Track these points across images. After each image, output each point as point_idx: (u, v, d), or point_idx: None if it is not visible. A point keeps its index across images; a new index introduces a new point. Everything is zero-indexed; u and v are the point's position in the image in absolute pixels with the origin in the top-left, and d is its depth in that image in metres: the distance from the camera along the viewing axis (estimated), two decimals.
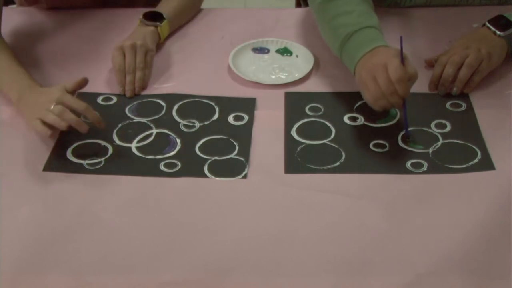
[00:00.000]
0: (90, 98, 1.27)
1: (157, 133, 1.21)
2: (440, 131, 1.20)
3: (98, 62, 1.37)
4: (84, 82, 1.22)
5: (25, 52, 1.41)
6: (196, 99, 1.28)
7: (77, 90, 1.22)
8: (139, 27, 1.39)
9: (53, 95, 1.17)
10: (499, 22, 1.30)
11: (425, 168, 1.12)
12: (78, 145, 1.18)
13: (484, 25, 1.31)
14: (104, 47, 1.40)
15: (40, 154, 1.16)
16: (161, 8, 1.45)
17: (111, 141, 1.19)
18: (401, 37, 1.16)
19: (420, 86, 1.25)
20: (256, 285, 0.96)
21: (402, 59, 1.14)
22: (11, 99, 1.23)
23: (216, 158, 1.15)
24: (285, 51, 1.41)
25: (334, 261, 0.98)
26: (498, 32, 1.29)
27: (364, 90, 1.19)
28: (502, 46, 1.29)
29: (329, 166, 1.13)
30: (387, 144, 1.17)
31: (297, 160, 1.15)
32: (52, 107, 1.15)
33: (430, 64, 1.33)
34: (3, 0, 1.41)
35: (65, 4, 1.53)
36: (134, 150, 1.18)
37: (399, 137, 1.18)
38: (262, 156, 1.16)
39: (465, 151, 1.15)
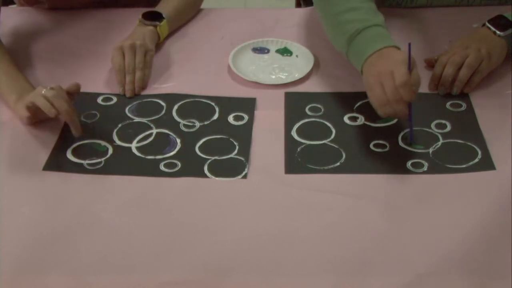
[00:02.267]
0: (90, 98, 1.28)
1: (157, 133, 1.21)
2: (440, 131, 1.20)
3: (98, 62, 1.37)
4: (76, 87, 1.22)
5: (25, 52, 1.41)
6: (196, 99, 1.28)
7: (72, 93, 1.21)
8: (138, 27, 1.39)
9: (48, 87, 1.17)
10: (499, 22, 1.30)
11: (425, 168, 1.12)
12: (78, 145, 1.18)
13: (484, 25, 1.31)
14: (104, 47, 1.40)
15: (40, 154, 1.16)
16: (160, 8, 1.44)
17: (111, 141, 1.19)
18: (409, 44, 1.14)
19: (420, 86, 1.24)
20: (256, 285, 0.96)
21: (410, 65, 1.13)
22: (9, 102, 1.23)
23: (216, 158, 1.15)
24: (285, 51, 1.41)
25: (334, 261, 0.98)
26: (498, 32, 1.29)
27: (370, 95, 1.18)
28: (502, 46, 1.29)
29: (329, 166, 1.13)
30: (387, 144, 1.17)
31: (298, 160, 1.15)
32: (43, 91, 1.15)
33: (430, 64, 1.33)
34: (3, 0, 1.41)
35: (66, 5, 1.53)
36: (134, 150, 1.18)
37: (399, 137, 1.18)
38: (262, 156, 1.16)
39: (465, 151, 1.15)
